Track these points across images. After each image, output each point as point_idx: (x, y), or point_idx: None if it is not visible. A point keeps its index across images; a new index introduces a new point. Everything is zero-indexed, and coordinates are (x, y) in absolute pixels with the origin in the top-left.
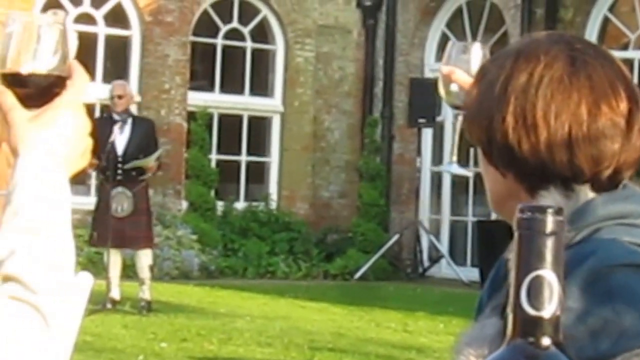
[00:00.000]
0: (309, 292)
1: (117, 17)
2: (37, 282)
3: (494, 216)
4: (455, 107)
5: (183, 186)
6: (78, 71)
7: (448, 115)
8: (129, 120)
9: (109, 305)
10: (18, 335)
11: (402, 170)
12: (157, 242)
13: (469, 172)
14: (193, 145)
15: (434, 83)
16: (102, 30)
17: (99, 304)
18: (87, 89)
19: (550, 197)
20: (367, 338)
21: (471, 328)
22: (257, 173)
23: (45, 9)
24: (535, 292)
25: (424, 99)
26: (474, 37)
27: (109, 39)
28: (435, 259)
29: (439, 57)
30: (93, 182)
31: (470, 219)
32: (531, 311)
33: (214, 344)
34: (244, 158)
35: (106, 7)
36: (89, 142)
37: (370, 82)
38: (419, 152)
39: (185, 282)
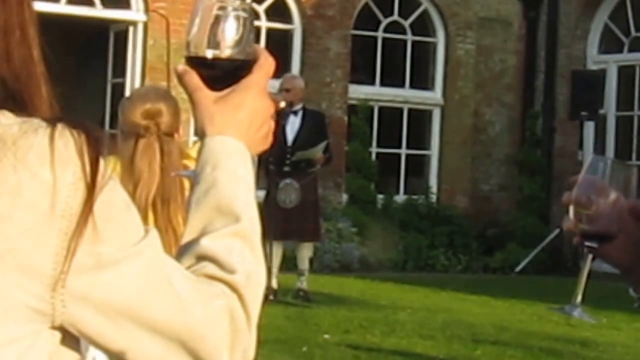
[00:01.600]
0: (469, 285)
1: (278, 11)
2: (233, 262)
3: None
4: (588, 237)
5: (343, 179)
6: (264, 55)
7: (611, 108)
8: (300, 112)
9: (271, 297)
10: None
11: (563, 163)
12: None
13: (593, 320)
14: (353, 138)
15: (596, 75)
16: (264, 25)
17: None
18: (272, 73)
19: None
20: (529, 331)
21: None
22: (417, 166)
23: None
24: None
25: (586, 91)
26: (637, 30)
27: (271, 33)
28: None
29: (601, 50)
30: None
31: None
32: None
33: (376, 335)
34: (404, 151)
35: (268, 1)
36: (271, 125)
37: (532, 74)
38: (580, 145)
39: (346, 274)
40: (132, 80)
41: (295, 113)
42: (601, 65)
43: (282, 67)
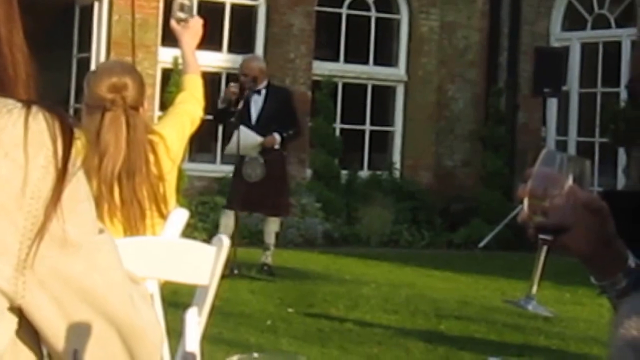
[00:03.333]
0: (433, 261)
1: None
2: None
3: (619, 187)
4: (542, 230)
5: (307, 155)
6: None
7: (574, 85)
8: (263, 91)
9: (235, 271)
10: None
11: (526, 139)
12: None
13: (548, 313)
14: (317, 114)
15: (560, 52)
16: (228, 0)
17: (225, 269)
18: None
19: None
20: (493, 307)
21: (632, 300)
22: (381, 142)
23: None
24: None
25: (549, 68)
26: (601, 7)
27: (235, 9)
28: None
29: (564, 27)
30: (219, 149)
31: (595, 188)
32: None
33: (340, 310)
34: (367, 127)
35: None
36: None
37: (495, 51)
38: (543, 121)
39: (310, 249)
40: (97, 55)
41: (258, 92)
42: (564, 43)
43: (246, 43)
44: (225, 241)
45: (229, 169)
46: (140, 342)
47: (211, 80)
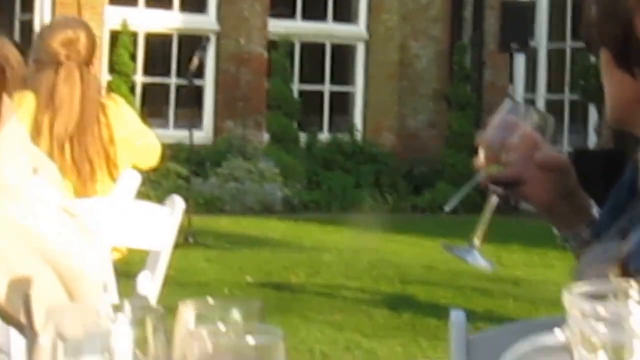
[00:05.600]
0: (397, 226)
1: None
2: None
3: (590, 146)
4: (497, 182)
5: (264, 117)
6: None
7: (542, 41)
8: None
9: (190, 239)
10: None
11: (493, 98)
12: (238, 175)
13: (489, 265)
14: (274, 75)
15: (526, 6)
16: None
17: (180, 238)
18: None
19: None
20: (460, 271)
21: (593, 249)
22: (341, 103)
23: None
24: None
25: (516, 23)
26: None
27: None
28: None
29: None
30: (171, 114)
31: (565, 148)
32: None
33: (300, 277)
34: (327, 88)
35: None
36: None
37: (459, 5)
38: (511, 79)
39: (268, 216)
40: (42, 16)
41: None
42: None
43: (199, 1)
44: (179, 202)
45: (182, 135)
46: (78, 281)
47: (161, 43)
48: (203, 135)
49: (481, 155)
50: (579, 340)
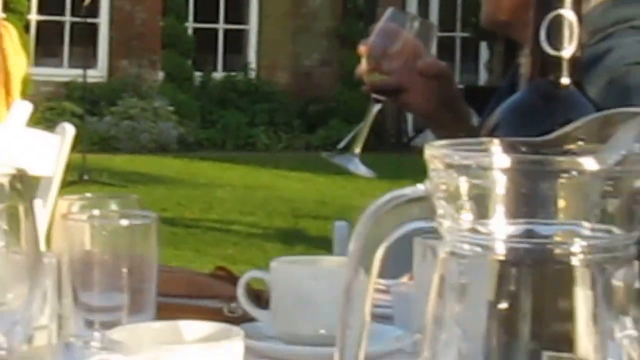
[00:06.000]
0: (290, 163)
1: None
2: None
3: (481, 83)
4: (378, 90)
5: (159, 56)
6: None
7: None
8: None
9: (85, 177)
10: None
11: None
12: (133, 114)
13: (370, 173)
14: (169, 13)
15: None
16: None
17: (75, 175)
18: None
19: None
20: (352, 206)
21: None
22: (236, 42)
23: None
24: (554, 32)
25: None
26: None
27: None
28: (420, 128)
29: None
30: (65, 53)
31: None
32: (550, 51)
33: (194, 212)
34: (221, 26)
35: None
36: None
37: None
38: None
39: (163, 154)
40: None
41: None
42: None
43: None
44: (69, 129)
45: (77, 73)
46: None
47: None
48: (98, 73)
49: (363, 64)
50: (441, 191)
